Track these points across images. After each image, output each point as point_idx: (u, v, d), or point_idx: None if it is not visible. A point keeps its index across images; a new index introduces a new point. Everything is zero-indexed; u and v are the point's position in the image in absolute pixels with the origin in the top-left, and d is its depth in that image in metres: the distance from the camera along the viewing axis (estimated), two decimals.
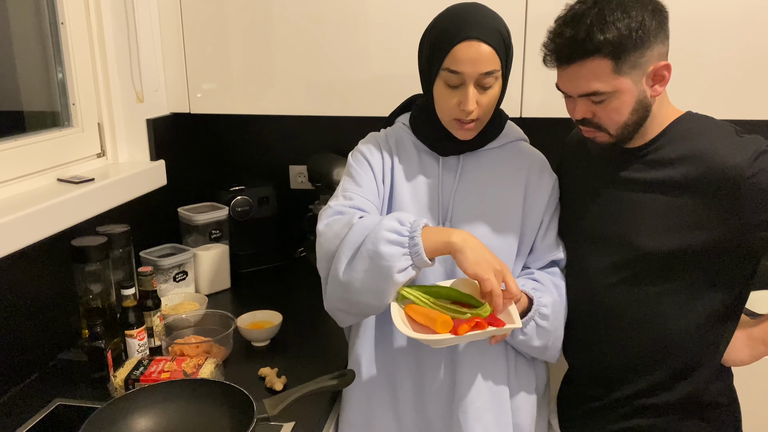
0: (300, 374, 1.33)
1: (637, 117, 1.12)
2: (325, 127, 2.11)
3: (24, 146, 1.43)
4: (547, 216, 1.28)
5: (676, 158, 1.12)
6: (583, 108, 1.13)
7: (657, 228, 1.13)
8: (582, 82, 1.09)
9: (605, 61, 1.05)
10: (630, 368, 1.21)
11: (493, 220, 1.24)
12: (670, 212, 1.12)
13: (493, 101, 1.18)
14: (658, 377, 1.19)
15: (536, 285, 1.22)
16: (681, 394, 1.18)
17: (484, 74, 1.13)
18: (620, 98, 1.09)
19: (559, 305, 1.23)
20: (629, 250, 1.16)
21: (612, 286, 1.19)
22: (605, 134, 1.14)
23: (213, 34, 1.78)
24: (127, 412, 1.09)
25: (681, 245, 1.11)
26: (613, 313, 1.20)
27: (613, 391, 1.23)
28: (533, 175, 1.28)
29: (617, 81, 1.07)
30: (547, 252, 1.28)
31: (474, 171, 1.26)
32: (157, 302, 1.43)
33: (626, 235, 1.17)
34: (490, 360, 1.24)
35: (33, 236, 1.30)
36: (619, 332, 1.21)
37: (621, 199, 1.18)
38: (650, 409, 1.20)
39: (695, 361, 1.17)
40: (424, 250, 1.07)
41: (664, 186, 1.13)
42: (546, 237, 1.28)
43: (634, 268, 1.16)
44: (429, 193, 1.25)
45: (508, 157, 1.28)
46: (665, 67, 1.09)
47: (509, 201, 1.25)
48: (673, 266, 1.13)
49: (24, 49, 1.56)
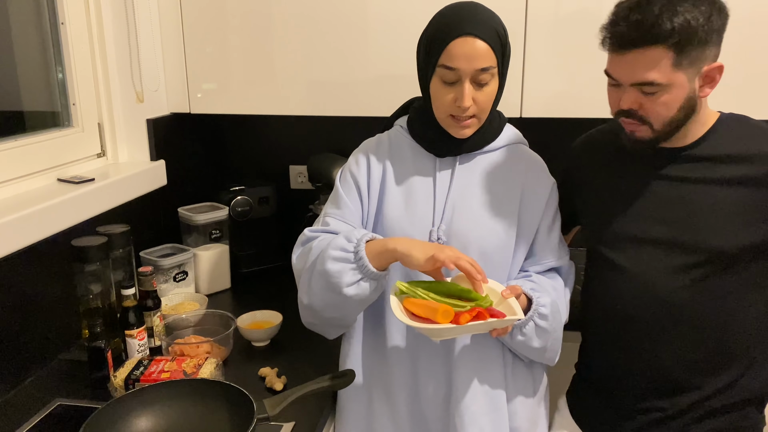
0: (300, 374, 1.33)
1: (683, 115, 1.10)
2: (325, 127, 2.11)
3: (24, 146, 1.43)
4: (546, 220, 1.27)
5: (734, 155, 1.12)
6: (631, 98, 1.10)
7: (725, 225, 1.12)
8: (639, 70, 1.06)
9: (667, 52, 1.03)
10: (695, 373, 1.18)
11: (488, 221, 1.23)
12: (738, 208, 1.11)
13: (489, 98, 1.18)
14: (725, 378, 1.17)
15: (534, 285, 1.21)
16: (745, 394, 1.18)
17: (480, 70, 1.13)
18: (672, 93, 1.07)
19: (558, 306, 1.22)
20: (696, 250, 1.14)
21: (678, 288, 1.16)
22: (647, 128, 1.12)
23: (213, 34, 1.78)
24: (127, 412, 1.09)
25: (752, 239, 1.11)
26: (680, 316, 1.16)
27: (679, 397, 1.19)
28: (531, 178, 1.27)
29: (674, 75, 1.05)
30: (546, 257, 1.27)
31: (470, 172, 1.26)
32: (157, 302, 1.43)
33: (690, 234, 1.14)
34: (486, 363, 1.24)
35: (33, 236, 1.30)
36: (683, 336, 1.17)
37: (669, 197, 1.16)
38: (718, 411, 1.18)
39: (757, 361, 1.17)
40: (369, 262, 1.11)
41: (727, 182, 1.12)
42: (547, 242, 1.27)
43: (705, 267, 1.14)
44: (424, 194, 1.25)
45: (505, 159, 1.27)
46: (718, 69, 1.08)
47: (506, 203, 1.24)
48: (744, 262, 1.13)
49: (24, 49, 1.56)
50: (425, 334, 1.14)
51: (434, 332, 1.07)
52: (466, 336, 1.23)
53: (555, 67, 1.66)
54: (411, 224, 1.23)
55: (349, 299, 1.13)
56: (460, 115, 1.17)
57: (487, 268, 1.17)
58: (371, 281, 1.13)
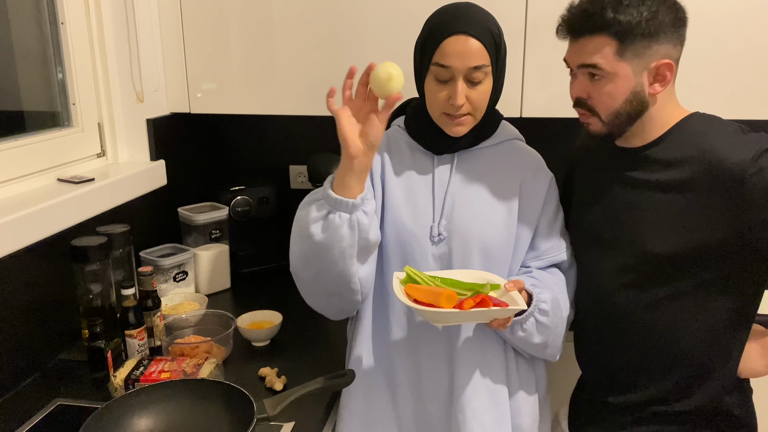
0: (300, 374, 1.33)
1: (630, 108, 1.12)
2: (325, 127, 2.09)
3: (24, 146, 1.43)
4: (547, 215, 1.28)
5: (680, 159, 1.12)
6: (580, 84, 1.14)
7: (662, 229, 1.12)
8: (585, 54, 1.11)
9: (610, 41, 1.07)
10: (641, 373, 1.20)
11: (488, 216, 1.24)
12: (674, 213, 1.11)
13: (484, 97, 1.19)
14: (670, 383, 1.18)
15: (535, 281, 1.22)
16: (696, 403, 1.17)
17: (473, 68, 1.14)
18: (616, 83, 1.10)
19: (559, 302, 1.23)
20: (635, 252, 1.16)
21: (620, 288, 1.19)
22: (597, 120, 1.15)
23: (213, 34, 1.78)
24: (127, 412, 1.09)
25: (686, 246, 1.10)
26: (623, 317, 1.19)
27: (625, 395, 1.22)
28: (528, 173, 1.28)
29: (617, 64, 1.08)
30: (548, 252, 1.28)
31: (468, 168, 1.26)
32: (157, 302, 1.43)
33: (631, 236, 1.16)
34: (488, 359, 1.24)
35: (33, 236, 1.29)
36: (628, 336, 1.20)
37: (624, 200, 1.18)
38: (664, 416, 1.19)
39: (707, 369, 1.16)
40: (330, 188, 1.10)
41: (667, 186, 1.12)
42: (548, 237, 1.28)
43: (641, 270, 1.16)
44: (423, 190, 1.25)
45: (503, 155, 1.28)
46: (667, 66, 1.09)
47: (505, 197, 1.25)
48: (680, 268, 1.12)
49: (24, 49, 1.56)
50: (427, 318, 1.14)
51: (437, 316, 1.08)
52: (469, 330, 1.23)
53: (555, 67, 1.65)
54: (411, 220, 1.24)
55: (319, 242, 1.11)
56: (453, 113, 1.18)
57: (488, 263, 1.20)
58: (339, 213, 1.10)
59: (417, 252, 1.23)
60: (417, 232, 1.23)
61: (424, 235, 1.23)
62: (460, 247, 1.22)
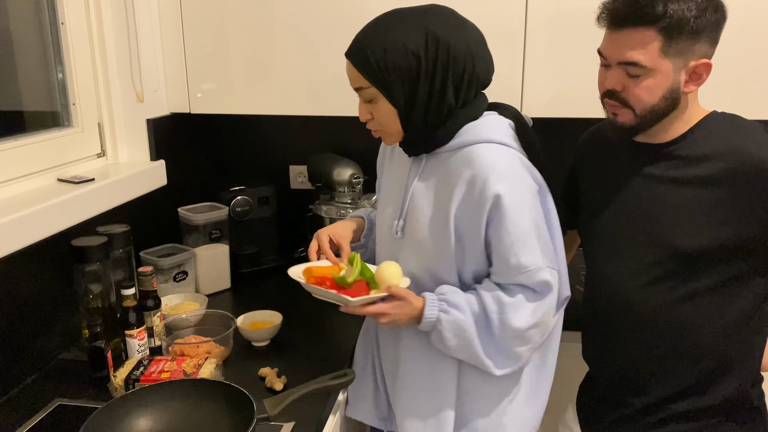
0: (300, 374, 1.33)
1: (665, 105, 1.10)
2: (325, 127, 2.11)
3: (24, 146, 1.43)
4: (499, 233, 1.16)
5: (708, 155, 1.11)
6: (615, 77, 1.11)
7: (689, 225, 1.11)
8: (626, 49, 1.07)
9: (657, 36, 1.04)
10: (661, 372, 1.19)
11: (432, 224, 1.22)
12: (702, 208, 1.11)
13: (383, 115, 1.20)
14: (690, 380, 1.17)
15: (455, 297, 1.19)
16: (716, 399, 1.17)
17: (356, 89, 1.20)
18: (656, 79, 1.07)
19: (468, 322, 1.17)
20: (662, 249, 1.14)
21: (643, 286, 1.17)
22: (629, 112, 1.12)
23: (213, 34, 1.78)
24: (127, 412, 1.09)
25: (714, 242, 1.10)
26: (645, 315, 1.18)
27: (644, 396, 1.21)
28: (472, 185, 1.17)
29: (660, 61, 1.06)
30: (509, 275, 1.18)
31: (430, 173, 1.25)
32: (157, 302, 1.43)
33: (658, 233, 1.15)
34: (430, 351, 1.26)
35: (33, 236, 1.30)
36: (649, 335, 1.18)
37: (646, 196, 1.17)
38: (684, 414, 1.18)
39: (728, 364, 1.16)
40: None
41: (695, 182, 1.11)
42: (506, 259, 1.16)
43: (667, 267, 1.14)
44: (397, 189, 1.30)
45: (456, 162, 1.20)
46: (705, 66, 1.08)
47: (443, 207, 1.20)
48: (706, 264, 1.12)
49: (24, 49, 1.56)
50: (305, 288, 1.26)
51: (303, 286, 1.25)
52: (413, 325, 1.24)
53: (555, 67, 1.66)
54: (381, 217, 1.34)
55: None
56: None
57: (433, 266, 1.24)
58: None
59: (384, 246, 1.34)
60: (383, 229, 1.33)
61: (389, 232, 1.30)
62: (409, 247, 1.27)
